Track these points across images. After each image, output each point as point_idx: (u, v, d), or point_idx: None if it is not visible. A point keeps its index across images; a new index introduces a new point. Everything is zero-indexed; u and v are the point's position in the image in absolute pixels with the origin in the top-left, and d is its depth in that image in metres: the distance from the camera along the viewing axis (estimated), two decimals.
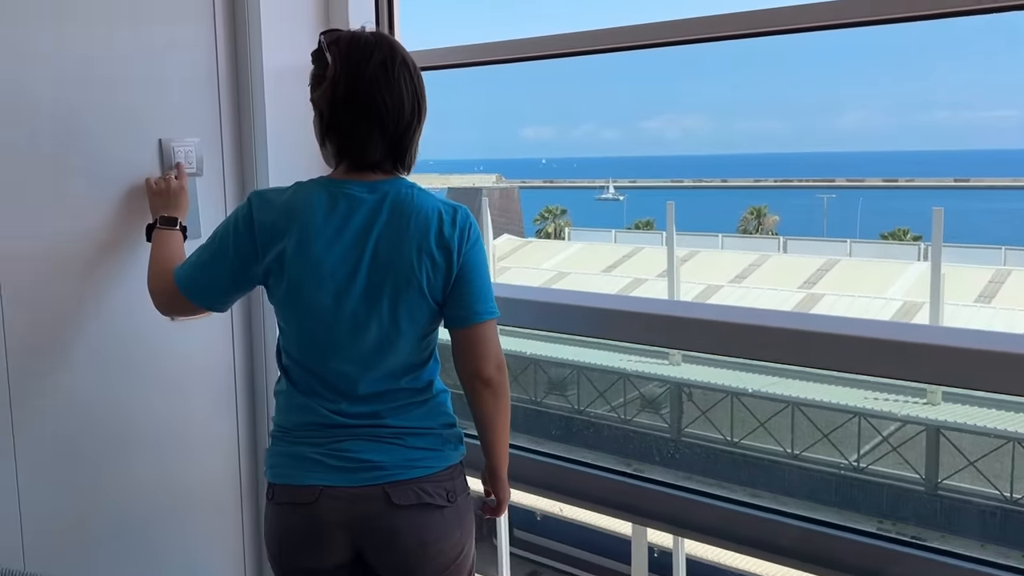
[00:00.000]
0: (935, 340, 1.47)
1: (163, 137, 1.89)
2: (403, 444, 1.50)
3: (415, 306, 1.47)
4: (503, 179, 42.41)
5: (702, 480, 10.72)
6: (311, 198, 1.46)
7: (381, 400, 1.50)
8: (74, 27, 1.74)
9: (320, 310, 1.46)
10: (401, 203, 1.47)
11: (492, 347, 1.52)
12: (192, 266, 1.55)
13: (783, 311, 1.81)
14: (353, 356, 1.48)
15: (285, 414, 1.54)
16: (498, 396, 1.54)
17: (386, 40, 1.49)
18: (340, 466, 1.48)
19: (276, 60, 2.00)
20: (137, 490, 1.93)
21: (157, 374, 1.94)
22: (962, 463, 9.09)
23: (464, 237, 1.48)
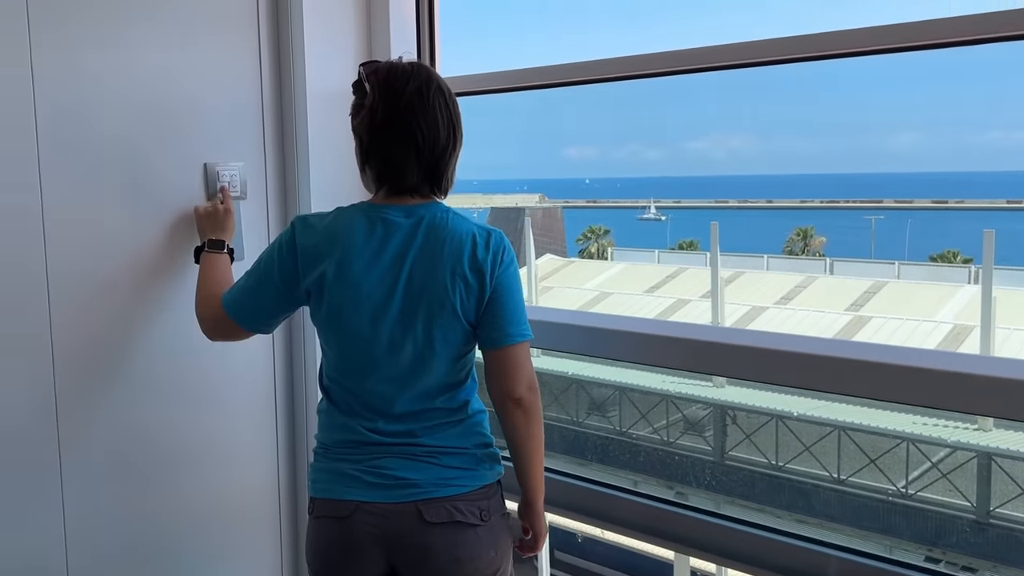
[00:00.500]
0: (982, 370, 1.43)
1: (208, 161, 1.93)
2: (437, 463, 1.53)
3: (449, 328, 1.50)
4: (546, 199, 42.49)
5: (745, 505, 10.56)
6: (351, 223, 1.52)
7: (416, 419, 1.54)
8: (124, 53, 1.79)
9: (358, 332, 1.51)
10: (436, 227, 1.51)
11: (524, 368, 1.54)
12: (239, 291, 1.61)
13: (825, 338, 1.78)
14: (389, 376, 1.52)
15: (326, 432, 1.59)
16: (530, 416, 1.55)
17: (423, 69, 1.53)
18: (376, 483, 1.52)
19: (319, 87, 2.04)
20: (180, 508, 1.96)
21: (201, 393, 1.97)
22: (1015, 491, 8.82)
23: (497, 260, 1.51)
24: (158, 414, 1.91)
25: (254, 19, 1.99)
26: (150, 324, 1.87)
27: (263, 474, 2.13)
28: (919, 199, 52.23)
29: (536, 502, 1.61)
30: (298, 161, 2.06)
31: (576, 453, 11.96)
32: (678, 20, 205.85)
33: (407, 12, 2.15)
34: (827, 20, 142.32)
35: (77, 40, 1.71)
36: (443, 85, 1.54)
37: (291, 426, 2.17)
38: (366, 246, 1.50)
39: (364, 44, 2.13)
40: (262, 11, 2.00)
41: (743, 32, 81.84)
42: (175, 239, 1.89)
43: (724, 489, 10.75)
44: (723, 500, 10.79)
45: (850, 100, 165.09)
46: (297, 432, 2.18)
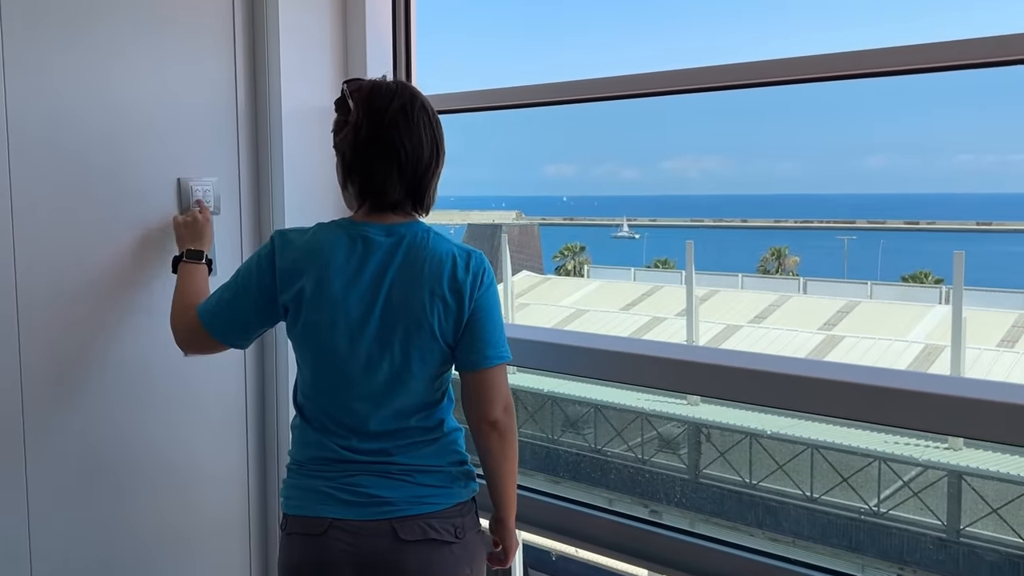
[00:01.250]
0: (952, 391, 1.45)
1: (182, 176, 1.91)
2: (411, 481, 1.53)
3: (427, 348, 1.50)
4: (523, 216, 42.58)
5: (719, 523, 10.58)
6: (331, 239, 1.52)
7: (391, 438, 1.53)
8: (96, 67, 1.78)
9: (334, 349, 1.51)
10: (416, 247, 1.51)
11: (501, 390, 1.54)
12: (216, 303, 1.59)
13: (797, 358, 1.79)
14: (364, 395, 1.51)
15: (300, 448, 1.58)
16: (505, 439, 1.55)
17: (406, 88, 1.54)
18: (350, 500, 1.51)
19: (294, 102, 2.03)
20: (148, 523, 1.93)
21: (170, 407, 1.95)
22: (985, 510, 8.91)
23: (477, 282, 1.51)
24: (126, 428, 1.88)
25: (229, 34, 1.99)
26: (120, 337, 1.85)
27: (233, 489, 2.11)
28: (891, 220, 52.98)
29: (508, 519, 1.62)
30: (272, 177, 2.05)
31: (550, 471, 11.93)
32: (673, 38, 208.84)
33: (383, 28, 2.15)
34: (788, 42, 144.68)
35: (49, 54, 1.70)
36: (427, 103, 1.55)
37: (262, 442, 2.15)
38: (346, 264, 1.49)
39: (340, 60, 2.13)
40: (238, 26, 2.00)
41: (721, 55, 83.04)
42: (148, 253, 1.87)
43: (698, 507, 10.76)
44: (697, 518, 10.80)
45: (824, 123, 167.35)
46: (268, 448, 2.16)
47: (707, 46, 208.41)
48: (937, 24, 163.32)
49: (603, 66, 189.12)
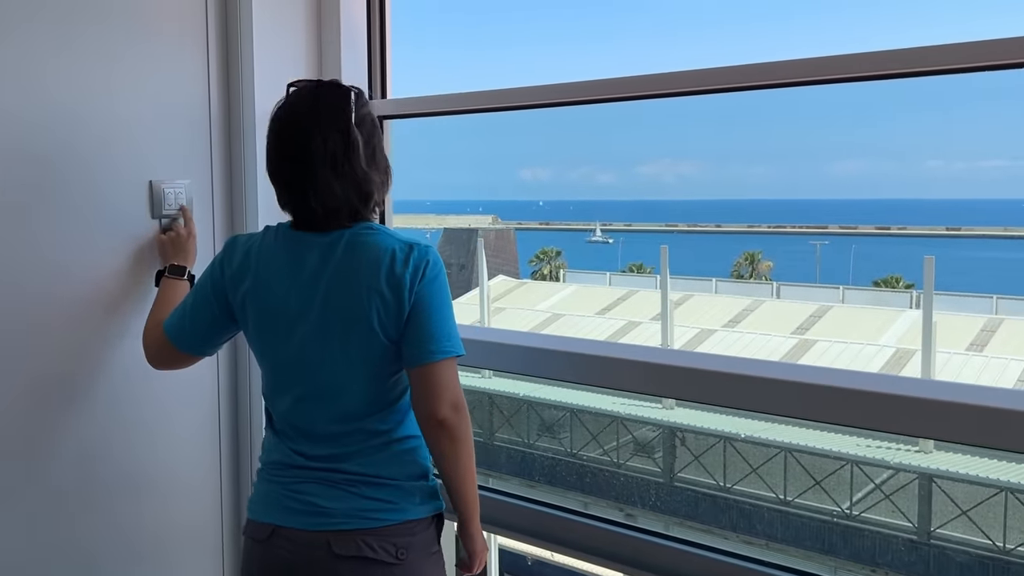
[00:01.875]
0: (923, 394, 1.46)
1: (154, 179, 1.89)
2: (356, 492, 1.47)
3: (368, 345, 1.46)
4: (499, 220, 42.58)
5: (693, 526, 10.62)
6: (272, 240, 1.52)
7: (339, 442, 1.49)
8: (65, 67, 1.75)
9: (276, 350, 1.51)
10: (355, 243, 1.47)
11: (447, 387, 1.45)
12: (179, 316, 1.61)
13: (770, 361, 1.80)
14: (309, 395, 1.50)
15: (264, 452, 1.58)
16: (455, 439, 1.46)
17: (327, 88, 1.50)
18: (293, 507, 1.48)
19: (268, 103, 2.00)
20: (117, 537, 1.90)
21: (140, 417, 1.92)
22: (955, 512, 9.03)
23: (417, 274, 1.45)
24: (94, 437, 1.85)
25: (202, 37, 1.97)
26: (90, 343, 1.82)
27: (205, 497, 2.08)
28: (863, 225, 53.56)
29: (468, 524, 1.54)
30: (246, 179, 2.03)
31: (525, 475, 11.93)
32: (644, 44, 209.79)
33: (358, 30, 2.14)
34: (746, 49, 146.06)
35: (16, 57, 1.67)
36: (340, 103, 1.48)
37: (235, 449, 2.12)
38: (285, 263, 1.49)
39: (315, 60, 2.11)
40: (211, 28, 1.98)
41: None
42: (118, 259, 1.84)
43: (672, 510, 10.80)
44: (671, 521, 10.84)
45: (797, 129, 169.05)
46: (241, 455, 2.13)
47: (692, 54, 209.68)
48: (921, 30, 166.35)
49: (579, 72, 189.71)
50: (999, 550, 8.71)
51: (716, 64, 1.81)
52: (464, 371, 6.44)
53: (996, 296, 16.74)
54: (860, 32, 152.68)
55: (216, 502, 2.10)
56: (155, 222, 1.90)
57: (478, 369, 9.55)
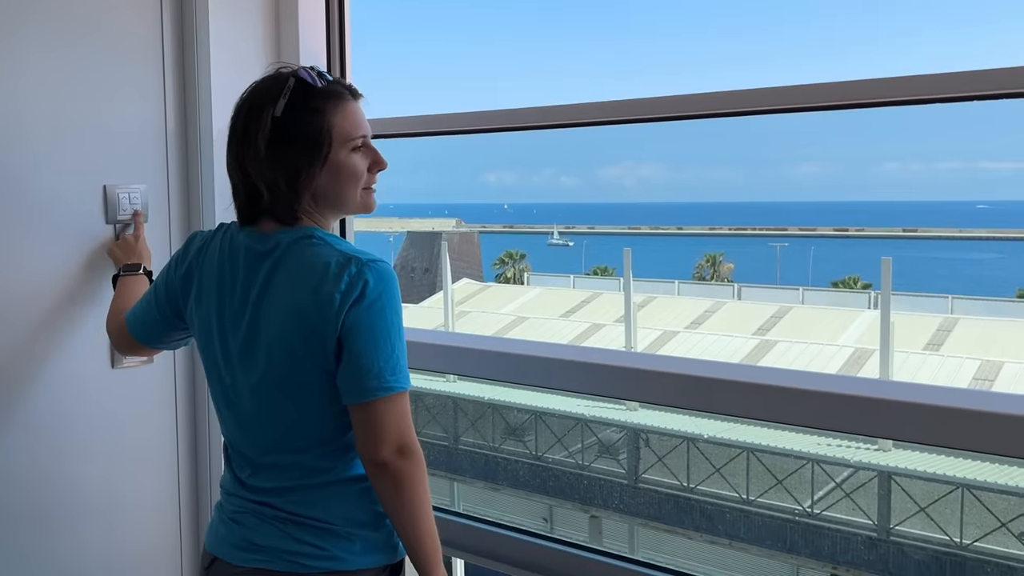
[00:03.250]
0: (881, 394, 1.48)
1: (108, 183, 1.85)
2: (286, 532, 1.34)
3: (296, 373, 1.30)
4: (463, 223, 42.52)
5: (657, 527, 10.69)
6: (217, 244, 1.40)
7: (279, 474, 1.36)
8: (16, 72, 1.71)
9: (216, 367, 1.40)
10: (289, 256, 1.31)
11: (390, 428, 1.27)
12: (140, 306, 1.55)
13: (732, 363, 1.82)
14: (243, 421, 1.38)
15: (223, 474, 1.49)
16: (399, 486, 1.28)
17: (261, 81, 1.38)
18: (229, 539, 1.39)
19: (225, 107, 1.97)
20: (73, 555, 1.85)
21: (96, 433, 1.87)
22: (913, 508, 9.19)
23: (351, 294, 1.26)
24: (41, 459, 1.79)
25: (158, 39, 1.93)
26: (41, 354, 1.78)
27: (163, 522, 2.03)
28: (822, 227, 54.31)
29: (424, 571, 1.35)
30: (202, 183, 2.00)
31: (490, 478, 11.92)
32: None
33: (316, 26, 2.12)
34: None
35: None
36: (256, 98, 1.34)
37: (194, 472, 2.07)
38: (219, 272, 1.37)
39: (272, 58, 2.08)
40: (166, 32, 1.94)
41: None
42: (70, 263, 1.80)
43: (636, 512, 10.86)
44: (635, 522, 10.90)
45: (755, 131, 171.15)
46: (200, 479, 2.08)
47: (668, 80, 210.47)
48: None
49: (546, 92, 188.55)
50: (956, 545, 8.88)
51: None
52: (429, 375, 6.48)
53: (952, 296, 17.07)
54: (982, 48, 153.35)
55: (175, 524, 2.05)
56: (109, 227, 1.86)
57: (443, 373, 9.52)
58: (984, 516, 8.88)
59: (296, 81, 1.32)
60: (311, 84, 1.33)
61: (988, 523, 8.83)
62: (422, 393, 12.20)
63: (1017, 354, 11.96)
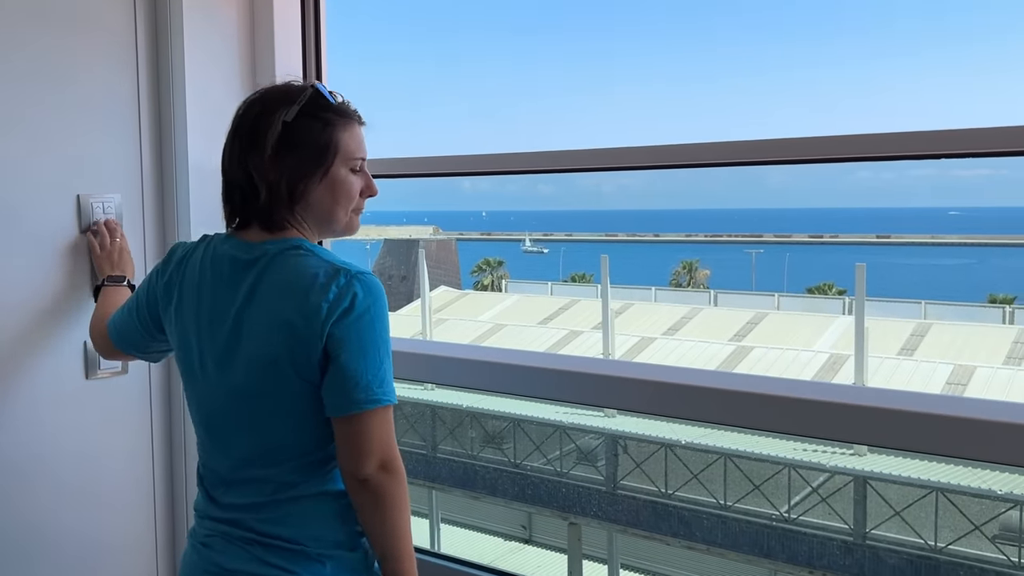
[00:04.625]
0: (856, 401, 1.50)
1: (82, 193, 1.83)
2: (252, 554, 1.31)
3: (278, 386, 1.29)
4: (440, 231, 42.46)
5: (636, 533, 10.70)
6: (200, 254, 1.40)
7: (247, 490, 1.34)
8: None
9: (192, 378, 1.38)
10: (275, 266, 1.31)
11: (373, 443, 1.26)
12: (122, 314, 1.55)
13: (708, 370, 1.83)
14: (218, 432, 1.37)
15: (196, 496, 1.46)
16: (380, 502, 1.27)
17: (273, 87, 1.39)
18: (201, 566, 1.36)
19: (200, 117, 1.97)
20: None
21: (67, 445, 1.85)
22: (888, 512, 9.27)
23: (339, 305, 1.25)
24: (13, 468, 1.76)
25: (132, 48, 1.91)
26: (11, 367, 1.75)
27: (138, 528, 2.01)
28: (796, 234, 54.77)
29: None
30: (177, 193, 1.98)
31: (469, 487, 11.88)
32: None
33: (291, 28, 2.11)
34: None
35: None
36: (250, 109, 1.37)
37: (169, 482, 2.05)
38: (202, 281, 1.36)
39: (248, 67, 2.07)
40: (140, 41, 1.93)
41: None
42: (42, 273, 1.78)
43: (614, 518, 10.87)
44: (617, 529, 10.91)
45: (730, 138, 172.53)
46: (176, 487, 2.06)
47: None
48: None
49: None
50: (931, 549, 8.97)
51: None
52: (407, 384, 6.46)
53: (925, 301, 17.26)
54: None
55: (150, 530, 2.03)
56: (84, 237, 1.84)
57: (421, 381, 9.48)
58: (958, 519, 8.98)
59: (313, 91, 1.35)
60: (326, 98, 1.35)
61: (962, 526, 8.92)
62: (400, 402, 12.13)
63: (989, 358, 12.13)
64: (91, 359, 1.86)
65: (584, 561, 11.30)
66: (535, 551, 12.40)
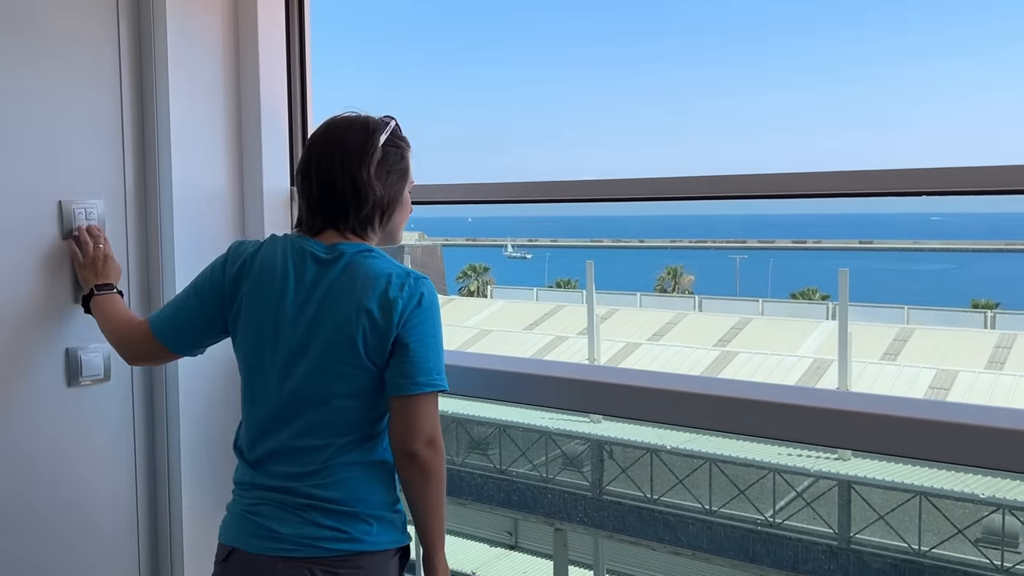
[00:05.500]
0: (839, 406, 1.50)
1: (63, 198, 1.82)
2: (307, 519, 1.46)
3: (351, 365, 1.46)
4: (426, 236, 42.40)
5: (622, 539, 10.70)
6: (273, 250, 1.53)
7: (303, 459, 1.48)
8: None
9: (262, 360, 1.51)
10: (354, 264, 1.49)
11: (425, 421, 1.46)
12: (169, 312, 1.61)
13: (692, 375, 1.83)
14: (280, 403, 1.49)
15: (236, 472, 1.58)
16: (426, 475, 1.47)
17: (345, 118, 1.56)
18: (249, 530, 1.49)
19: (183, 123, 1.96)
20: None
21: (48, 453, 1.83)
22: (872, 516, 9.31)
23: (411, 302, 1.46)
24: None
25: (115, 54, 1.90)
26: None
27: (119, 539, 2.00)
28: (780, 239, 55.03)
29: (432, 556, 1.53)
30: (160, 199, 1.97)
31: (455, 494, 11.85)
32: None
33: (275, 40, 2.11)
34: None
35: None
36: (352, 135, 1.53)
37: (152, 488, 2.04)
38: (282, 273, 1.50)
39: (232, 74, 2.06)
40: (123, 47, 1.91)
41: None
42: (23, 279, 1.76)
43: (600, 524, 10.87)
44: (603, 535, 10.90)
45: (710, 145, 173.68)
46: (159, 494, 2.05)
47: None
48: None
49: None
50: (915, 552, 9.02)
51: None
52: None
53: (907, 306, 17.39)
54: None
55: (132, 543, 2.02)
56: (65, 243, 1.83)
57: None
58: (941, 523, 9.03)
59: (395, 123, 1.58)
60: (401, 130, 1.59)
61: (945, 530, 8.98)
62: None
63: (971, 363, 12.22)
64: (73, 367, 1.84)
65: (570, 567, 11.29)
66: (521, 557, 12.39)
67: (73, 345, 1.84)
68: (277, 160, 2.10)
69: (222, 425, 2.05)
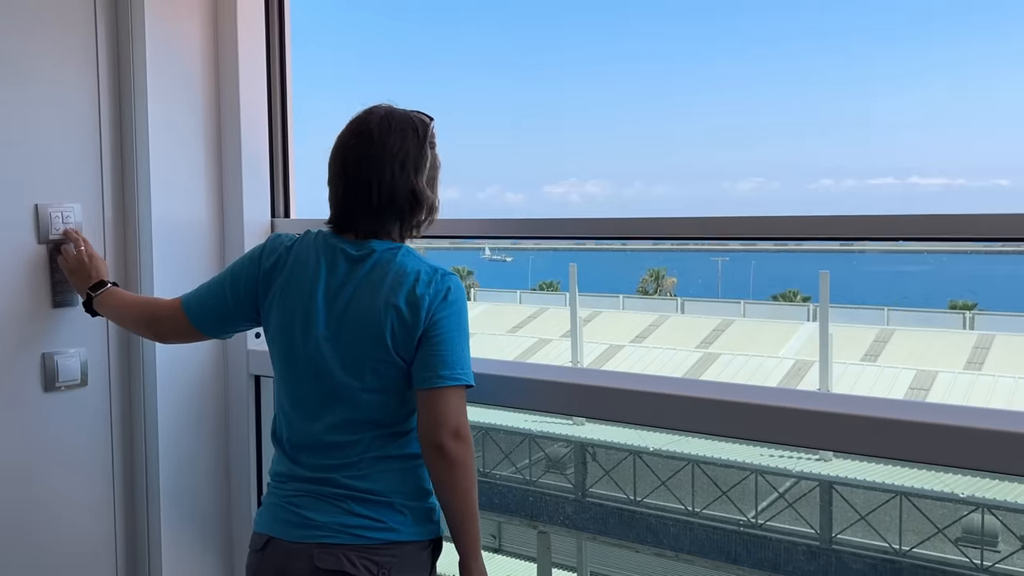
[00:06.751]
0: (821, 407, 1.51)
1: (40, 202, 1.80)
2: (343, 508, 1.49)
3: (379, 359, 1.48)
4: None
5: (606, 541, 10.71)
6: (307, 246, 1.56)
7: (338, 452, 1.51)
8: None
9: (293, 352, 1.53)
10: (384, 261, 1.51)
11: (451, 414, 1.47)
12: (203, 294, 1.64)
13: (674, 378, 1.84)
14: (314, 398, 1.52)
15: (273, 463, 1.62)
16: (453, 466, 1.46)
17: (377, 111, 1.55)
18: (285, 518, 1.52)
19: (161, 126, 1.95)
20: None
21: (25, 459, 1.82)
22: (854, 517, 9.36)
23: (438, 298, 1.49)
24: None
25: (92, 56, 1.89)
26: None
27: (98, 544, 1.98)
28: (762, 242, 55.43)
29: (467, 557, 1.51)
30: (138, 202, 1.95)
31: None
32: None
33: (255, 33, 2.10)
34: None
35: None
36: (390, 133, 1.52)
37: (130, 494, 2.02)
38: (316, 268, 1.52)
39: (212, 76, 2.05)
40: (101, 50, 1.90)
41: None
42: (1, 285, 1.75)
43: (583, 526, 10.87)
44: (586, 537, 10.91)
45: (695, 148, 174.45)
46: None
47: None
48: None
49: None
50: (896, 552, 9.08)
51: None
52: None
53: (887, 308, 17.51)
54: None
55: (110, 547, 2.00)
56: (42, 247, 1.81)
57: None
58: (922, 523, 9.10)
59: (433, 124, 1.58)
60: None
61: (926, 529, 9.05)
62: None
63: (951, 363, 12.33)
64: (50, 372, 1.82)
65: (554, 569, 11.28)
66: (504, 560, 12.36)
67: (49, 350, 1.83)
68: (256, 160, 2.09)
69: (200, 430, 2.03)
